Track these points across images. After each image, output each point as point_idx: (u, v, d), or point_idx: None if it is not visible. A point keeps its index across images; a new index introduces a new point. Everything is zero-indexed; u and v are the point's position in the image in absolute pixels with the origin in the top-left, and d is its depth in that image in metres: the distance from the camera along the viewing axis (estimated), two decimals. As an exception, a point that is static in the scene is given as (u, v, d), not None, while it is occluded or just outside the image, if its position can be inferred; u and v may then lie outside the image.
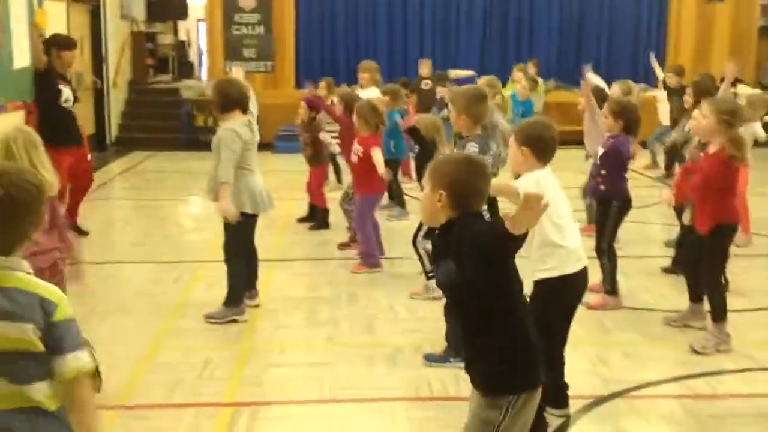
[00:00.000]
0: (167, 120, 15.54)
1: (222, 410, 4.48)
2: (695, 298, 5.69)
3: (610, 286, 6.10)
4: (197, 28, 22.71)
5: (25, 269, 2.41)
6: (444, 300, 5.20)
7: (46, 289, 2.40)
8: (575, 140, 10.14)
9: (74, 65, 8.59)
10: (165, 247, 8.02)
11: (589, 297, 5.47)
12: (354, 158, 7.15)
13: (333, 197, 9.04)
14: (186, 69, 19.54)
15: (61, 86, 7.70)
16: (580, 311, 4.32)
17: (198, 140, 14.90)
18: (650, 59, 13.20)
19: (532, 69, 13.95)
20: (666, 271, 7.02)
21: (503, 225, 2.58)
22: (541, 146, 3.96)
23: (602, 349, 5.33)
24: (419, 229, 6.30)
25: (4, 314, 2.33)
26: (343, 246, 7.83)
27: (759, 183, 9.84)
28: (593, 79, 7.98)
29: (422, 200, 3.05)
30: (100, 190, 10.81)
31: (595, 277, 5.68)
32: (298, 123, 8.79)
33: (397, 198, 9.28)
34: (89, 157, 8.25)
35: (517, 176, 4.15)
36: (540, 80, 13.95)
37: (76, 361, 2.38)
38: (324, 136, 8.53)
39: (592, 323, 5.74)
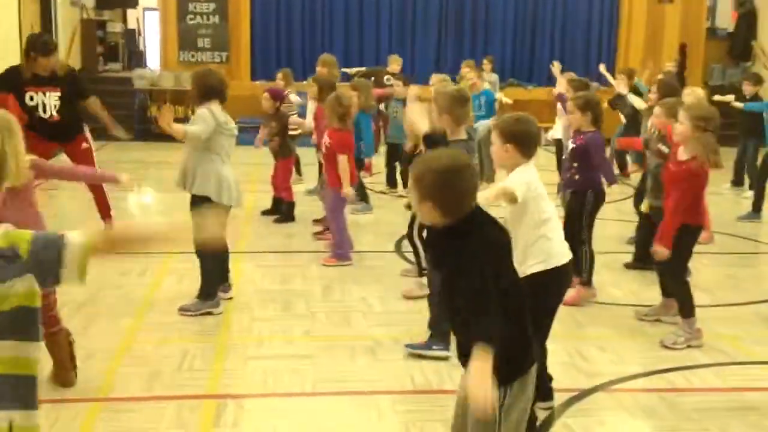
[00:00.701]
0: (119, 109, 15.17)
1: (206, 402, 4.44)
2: (666, 292, 5.81)
3: (588, 276, 6.19)
4: (143, 17, 22.33)
5: None
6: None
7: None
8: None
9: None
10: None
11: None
12: (324, 149, 7.12)
13: (297, 190, 9.03)
14: (136, 58, 19.21)
15: (30, 92, 7.35)
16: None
17: (151, 131, 14.67)
18: (601, 69, 13.23)
19: (488, 66, 14.08)
20: (628, 267, 7.15)
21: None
22: (525, 142, 3.98)
23: (578, 343, 5.40)
24: (413, 223, 6.11)
25: None
26: (319, 235, 7.76)
27: (713, 182, 10.05)
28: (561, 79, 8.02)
29: (414, 208, 3.00)
30: (54, 181, 10.58)
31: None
32: (264, 114, 8.73)
33: (360, 193, 9.26)
34: (84, 144, 7.85)
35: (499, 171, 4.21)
36: (495, 75, 14.12)
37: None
38: (294, 119, 8.52)
39: (565, 318, 5.80)
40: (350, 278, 6.71)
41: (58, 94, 7.39)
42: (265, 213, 8.80)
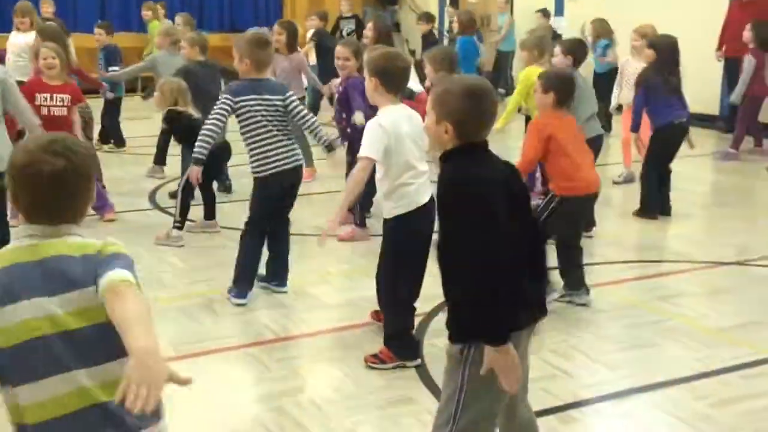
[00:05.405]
0: None
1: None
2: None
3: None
4: None
5: None
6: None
7: None
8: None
9: None
10: None
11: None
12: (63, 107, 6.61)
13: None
14: None
15: None
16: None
17: None
18: None
19: (161, 11, 13.66)
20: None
21: None
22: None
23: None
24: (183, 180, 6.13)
25: None
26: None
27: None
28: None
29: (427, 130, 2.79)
30: None
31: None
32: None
33: None
34: None
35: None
36: (168, 22, 13.66)
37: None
38: None
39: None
40: (129, 240, 6.17)
41: None
42: None
